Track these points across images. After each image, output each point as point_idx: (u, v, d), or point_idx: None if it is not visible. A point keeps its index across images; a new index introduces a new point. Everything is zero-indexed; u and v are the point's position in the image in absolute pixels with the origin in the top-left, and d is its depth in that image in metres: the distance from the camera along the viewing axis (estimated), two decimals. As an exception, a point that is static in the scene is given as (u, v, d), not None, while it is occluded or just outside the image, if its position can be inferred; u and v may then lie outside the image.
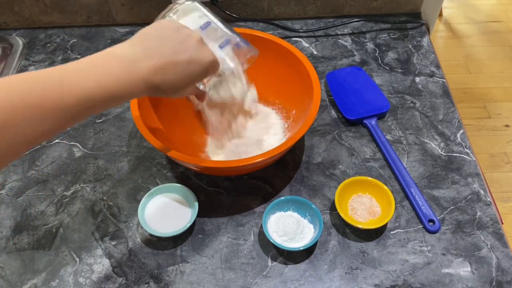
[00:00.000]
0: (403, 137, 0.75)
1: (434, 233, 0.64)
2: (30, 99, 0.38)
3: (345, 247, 0.63)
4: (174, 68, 0.47)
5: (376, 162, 0.72)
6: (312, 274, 0.61)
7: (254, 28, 0.93)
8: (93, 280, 0.61)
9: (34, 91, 0.38)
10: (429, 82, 0.83)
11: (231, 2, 0.92)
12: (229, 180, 0.71)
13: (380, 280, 0.60)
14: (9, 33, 0.95)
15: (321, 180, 0.70)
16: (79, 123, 0.45)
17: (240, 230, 0.65)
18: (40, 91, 0.38)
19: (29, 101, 0.37)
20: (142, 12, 0.94)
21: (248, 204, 0.68)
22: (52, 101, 0.39)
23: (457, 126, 0.77)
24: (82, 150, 0.75)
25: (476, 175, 0.70)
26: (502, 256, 0.62)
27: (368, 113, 0.77)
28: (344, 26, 0.93)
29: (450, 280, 0.60)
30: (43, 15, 0.93)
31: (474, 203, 0.67)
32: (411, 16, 0.95)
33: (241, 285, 0.60)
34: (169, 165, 0.73)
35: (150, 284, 0.61)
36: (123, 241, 0.65)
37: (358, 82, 0.82)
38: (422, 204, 0.66)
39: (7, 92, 0.37)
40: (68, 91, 0.40)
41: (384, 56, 0.88)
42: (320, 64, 0.87)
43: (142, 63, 0.46)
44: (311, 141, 0.75)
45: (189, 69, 0.49)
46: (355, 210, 0.66)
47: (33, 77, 0.39)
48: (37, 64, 0.89)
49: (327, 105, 0.80)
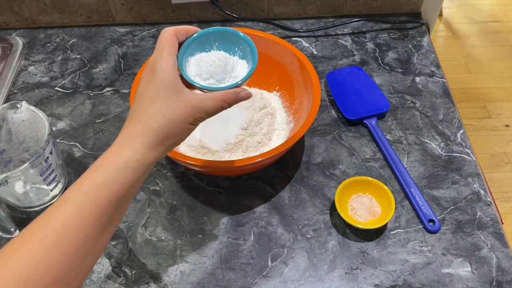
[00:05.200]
0: (403, 137, 0.75)
1: (434, 233, 0.64)
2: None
3: (345, 247, 0.63)
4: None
5: (376, 162, 0.72)
6: (312, 274, 0.61)
7: (254, 28, 0.93)
8: (93, 280, 0.61)
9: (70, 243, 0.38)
10: (429, 82, 0.83)
11: (231, 2, 0.92)
12: (229, 180, 0.71)
13: (380, 280, 0.60)
14: (9, 33, 0.94)
15: (321, 180, 0.70)
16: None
17: (240, 230, 0.65)
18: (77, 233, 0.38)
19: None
20: (142, 12, 0.94)
21: (248, 204, 0.68)
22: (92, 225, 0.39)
23: (457, 126, 0.77)
24: (82, 150, 0.75)
25: (476, 175, 0.70)
26: (502, 256, 0.62)
27: (368, 113, 0.76)
28: (344, 26, 0.93)
29: (450, 280, 0.60)
30: (43, 15, 0.93)
31: (474, 203, 0.67)
32: (411, 16, 0.95)
33: (241, 285, 0.60)
34: (169, 165, 0.73)
35: (150, 284, 0.61)
36: (123, 241, 0.65)
37: (358, 82, 0.82)
38: (422, 204, 0.66)
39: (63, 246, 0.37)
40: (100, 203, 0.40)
41: (384, 56, 0.88)
42: (320, 64, 0.87)
43: (164, 155, 0.45)
44: (311, 141, 0.75)
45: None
46: (355, 210, 0.66)
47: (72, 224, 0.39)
48: (36, 64, 0.89)
49: (327, 105, 0.80)
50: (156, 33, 0.94)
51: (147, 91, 0.44)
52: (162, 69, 0.44)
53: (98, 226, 0.39)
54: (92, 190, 0.39)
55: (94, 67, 0.88)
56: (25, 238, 0.37)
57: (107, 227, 0.40)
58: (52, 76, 0.87)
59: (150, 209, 0.68)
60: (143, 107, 0.43)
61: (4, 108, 0.63)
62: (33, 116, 0.64)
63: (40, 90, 0.84)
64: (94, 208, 0.39)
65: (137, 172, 0.41)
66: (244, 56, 0.51)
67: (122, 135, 0.43)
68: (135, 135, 0.42)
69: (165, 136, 0.43)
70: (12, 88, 0.85)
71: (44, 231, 0.37)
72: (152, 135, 0.42)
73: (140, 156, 0.42)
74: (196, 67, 0.49)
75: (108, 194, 0.39)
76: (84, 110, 0.81)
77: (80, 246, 0.38)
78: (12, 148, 0.67)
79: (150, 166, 0.43)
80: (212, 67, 0.49)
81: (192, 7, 0.93)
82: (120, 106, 0.81)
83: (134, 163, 0.41)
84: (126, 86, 0.84)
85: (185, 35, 0.49)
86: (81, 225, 0.38)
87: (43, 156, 0.60)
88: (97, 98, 0.83)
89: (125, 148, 0.42)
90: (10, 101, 0.66)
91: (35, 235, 0.37)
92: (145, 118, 0.43)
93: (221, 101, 0.46)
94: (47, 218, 0.38)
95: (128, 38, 0.93)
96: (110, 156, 0.42)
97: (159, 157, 0.44)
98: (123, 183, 0.40)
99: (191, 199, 0.69)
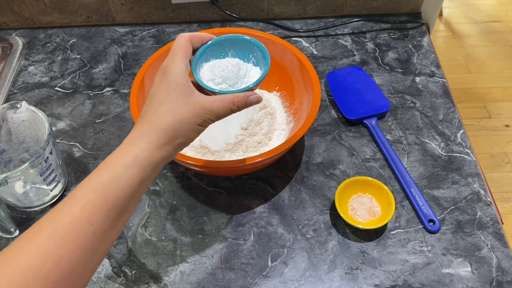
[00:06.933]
0: (403, 137, 0.75)
1: (434, 233, 0.64)
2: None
3: (345, 247, 0.63)
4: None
5: (376, 162, 0.72)
6: (312, 274, 0.61)
7: (254, 28, 0.93)
8: (93, 280, 0.61)
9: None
10: (429, 82, 0.83)
11: (231, 2, 0.92)
12: (229, 180, 0.71)
13: (380, 280, 0.60)
14: (9, 33, 0.94)
15: (321, 180, 0.70)
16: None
17: (240, 230, 0.65)
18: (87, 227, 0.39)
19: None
20: (142, 12, 0.94)
21: (248, 204, 0.68)
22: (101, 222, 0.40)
23: (457, 126, 0.77)
24: (82, 150, 0.75)
25: (476, 175, 0.70)
26: (502, 256, 0.62)
27: (368, 113, 0.76)
28: (344, 26, 0.93)
29: (450, 280, 0.60)
30: (42, 15, 0.93)
31: (474, 203, 0.67)
32: (411, 16, 0.95)
33: (241, 285, 0.60)
34: (169, 165, 0.73)
35: (150, 284, 0.61)
36: (123, 241, 0.65)
37: (358, 82, 0.82)
38: (422, 204, 0.66)
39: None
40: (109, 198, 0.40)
41: (384, 56, 0.88)
42: (320, 64, 0.87)
43: (173, 155, 0.46)
44: (311, 141, 0.75)
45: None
46: (355, 210, 0.66)
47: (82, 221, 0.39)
48: (36, 64, 0.89)
49: (327, 105, 0.80)
50: (156, 33, 0.94)
51: (158, 92, 0.45)
52: (174, 72, 0.45)
53: (106, 223, 0.39)
54: (100, 186, 0.40)
55: (94, 67, 0.88)
56: (34, 233, 0.37)
57: (115, 224, 0.41)
58: (52, 76, 0.86)
59: (150, 209, 0.68)
60: (153, 107, 0.44)
61: (4, 108, 0.63)
62: (33, 116, 0.64)
63: (40, 90, 0.84)
64: (103, 204, 0.39)
65: (145, 170, 0.42)
66: (258, 63, 0.52)
67: (131, 135, 0.44)
68: (143, 134, 0.43)
69: (173, 136, 0.44)
70: (12, 88, 0.85)
71: (54, 226, 0.38)
72: (160, 134, 0.43)
73: (147, 153, 0.42)
74: (209, 72, 0.50)
75: (116, 191, 0.40)
76: (84, 110, 0.81)
77: (88, 242, 0.38)
78: (12, 148, 0.67)
79: (159, 166, 0.44)
80: (225, 72, 0.49)
81: (192, 7, 0.93)
82: (120, 106, 0.81)
83: (142, 160, 0.42)
84: (126, 86, 0.84)
85: (200, 41, 0.50)
86: (89, 221, 0.38)
87: (43, 156, 0.60)
88: (97, 98, 0.83)
89: (133, 146, 0.42)
90: (10, 101, 0.66)
91: (44, 230, 0.37)
92: (154, 118, 0.44)
93: (231, 103, 0.46)
94: (56, 214, 0.39)
95: (128, 38, 0.93)
96: (118, 154, 0.42)
97: (167, 157, 0.44)
98: (131, 180, 0.41)
99: (191, 199, 0.69)
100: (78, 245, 0.38)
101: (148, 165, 0.42)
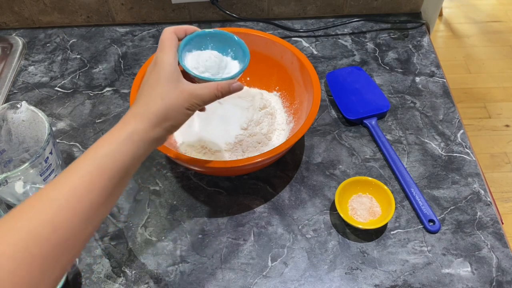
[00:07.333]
0: (403, 137, 0.75)
1: (434, 233, 0.64)
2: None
3: (345, 247, 0.63)
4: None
5: (376, 162, 0.72)
6: (312, 274, 0.61)
7: (254, 28, 0.93)
8: (93, 280, 0.61)
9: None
10: (429, 82, 0.83)
11: (231, 2, 0.92)
12: (229, 180, 0.71)
13: (380, 280, 0.60)
14: (9, 33, 0.94)
15: (321, 180, 0.70)
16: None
17: (240, 230, 0.65)
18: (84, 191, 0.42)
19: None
20: (142, 12, 0.94)
21: (248, 204, 0.68)
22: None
23: (457, 126, 0.76)
24: (82, 150, 0.75)
25: (476, 175, 0.70)
26: (502, 256, 0.62)
27: (368, 113, 0.76)
28: (344, 26, 0.93)
29: (450, 280, 0.60)
30: (42, 15, 0.93)
31: (474, 203, 0.67)
32: (411, 16, 0.95)
33: (241, 285, 0.60)
34: (169, 165, 0.73)
35: (150, 284, 0.61)
36: (122, 241, 0.65)
37: (358, 82, 0.82)
38: (422, 204, 0.66)
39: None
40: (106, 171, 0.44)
41: (384, 56, 0.88)
42: (320, 64, 0.87)
43: (164, 138, 0.50)
44: (311, 141, 0.75)
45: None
46: (355, 210, 0.65)
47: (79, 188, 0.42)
48: (36, 64, 0.88)
49: (327, 105, 0.80)
50: (156, 33, 0.94)
51: (149, 80, 0.50)
52: (163, 61, 0.49)
53: (103, 193, 0.42)
54: (98, 159, 0.43)
55: (94, 67, 0.88)
56: (36, 200, 0.40)
57: (110, 196, 0.44)
58: (52, 76, 0.86)
59: (150, 209, 0.68)
60: (145, 92, 0.49)
61: (4, 108, 0.63)
62: (33, 116, 0.64)
63: (40, 90, 0.84)
64: (100, 175, 0.42)
65: (137, 147, 0.46)
66: (236, 57, 0.57)
67: (125, 116, 0.48)
68: (137, 115, 0.47)
69: (163, 118, 0.48)
70: (12, 88, 0.85)
71: (54, 194, 0.40)
72: (152, 117, 0.47)
73: (140, 132, 0.46)
74: (193, 61, 0.54)
75: (112, 164, 0.44)
76: (84, 110, 0.81)
77: (85, 211, 0.41)
78: (12, 148, 0.67)
79: (150, 146, 0.48)
80: (208, 62, 0.54)
81: (192, 7, 0.93)
82: (120, 106, 0.81)
83: (135, 136, 0.46)
84: (126, 86, 0.84)
85: (184, 33, 0.54)
86: (88, 189, 0.41)
87: (43, 156, 0.60)
88: (97, 98, 0.83)
89: (127, 125, 0.46)
90: (10, 101, 0.66)
91: (45, 197, 0.40)
92: (146, 102, 0.48)
93: (215, 90, 0.51)
94: (56, 182, 0.41)
95: (128, 38, 0.93)
96: (113, 132, 0.46)
97: (159, 138, 0.48)
98: (125, 154, 0.45)
99: (191, 199, 0.69)
100: (76, 213, 0.40)
101: (140, 142, 0.46)
